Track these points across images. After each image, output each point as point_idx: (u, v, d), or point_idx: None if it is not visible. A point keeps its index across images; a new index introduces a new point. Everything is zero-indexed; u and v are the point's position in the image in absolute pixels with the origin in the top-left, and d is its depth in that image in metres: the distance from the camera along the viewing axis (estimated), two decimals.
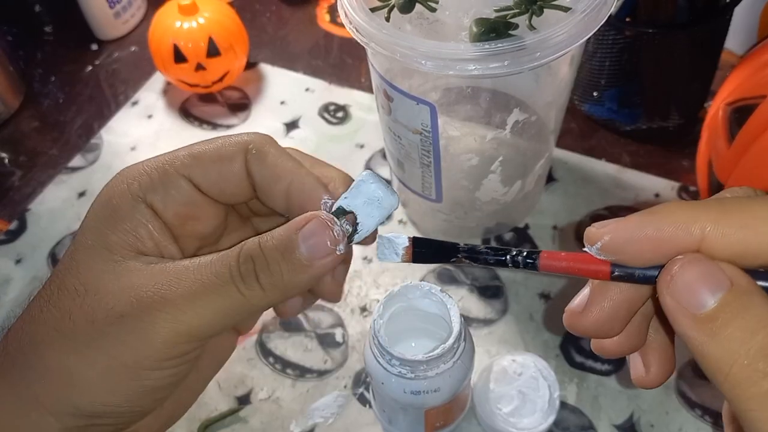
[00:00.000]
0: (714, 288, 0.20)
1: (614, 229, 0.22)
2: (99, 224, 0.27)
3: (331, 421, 0.48)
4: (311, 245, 0.25)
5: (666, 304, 0.21)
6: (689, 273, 0.21)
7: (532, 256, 0.24)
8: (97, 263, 0.26)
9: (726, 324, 0.20)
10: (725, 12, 0.55)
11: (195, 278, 0.25)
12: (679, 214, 0.21)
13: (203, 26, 0.66)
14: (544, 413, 0.44)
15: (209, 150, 0.28)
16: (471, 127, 0.49)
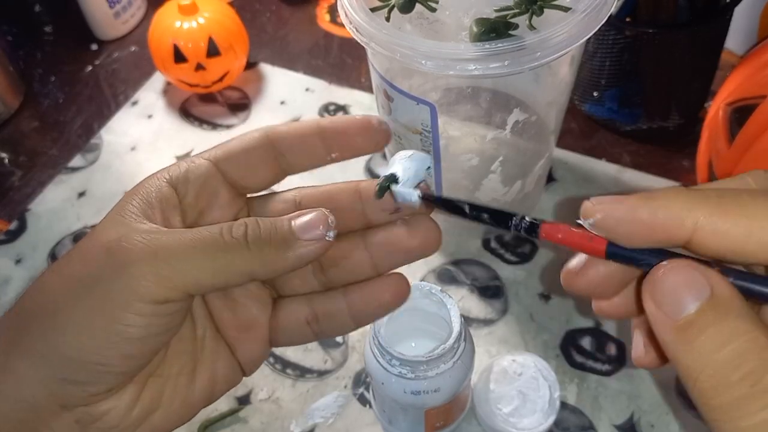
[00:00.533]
0: (694, 296, 0.20)
1: (608, 208, 0.22)
2: (122, 201, 0.28)
3: (331, 422, 0.48)
4: (301, 222, 0.27)
5: (647, 309, 0.21)
6: (671, 279, 0.21)
7: (534, 224, 0.25)
8: (107, 225, 0.27)
9: (699, 333, 0.20)
10: (725, 12, 0.55)
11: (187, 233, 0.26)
12: (675, 202, 0.21)
13: (203, 26, 0.66)
14: (545, 413, 0.44)
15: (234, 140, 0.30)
16: (471, 127, 0.49)
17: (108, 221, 0.27)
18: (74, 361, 0.25)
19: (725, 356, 0.19)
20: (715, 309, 0.20)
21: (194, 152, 0.66)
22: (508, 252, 0.57)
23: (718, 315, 0.20)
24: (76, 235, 0.61)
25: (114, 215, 0.27)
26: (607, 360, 0.50)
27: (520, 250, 0.57)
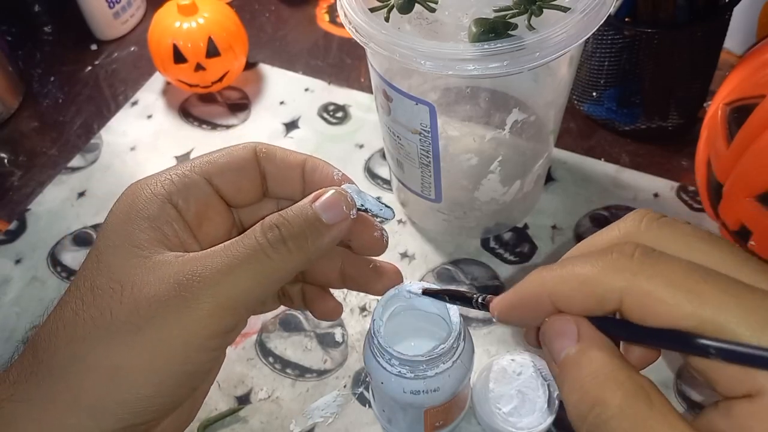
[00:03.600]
0: (566, 341, 0.24)
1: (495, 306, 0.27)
2: (124, 225, 0.28)
3: (330, 421, 0.48)
4: (329, 210, 0.28)
5: (544, 351, 0.26)
6: (549, 329, 0.25)
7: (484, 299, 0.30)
8: (128, 261, 0.27)
9: (565, 374, 0.24)
10: (724, 12, 0.55)
11: (226, 254, 0.27)
12: (531, 284, 0.25)
13: (203, 26, 0.66)
14: (544, 413, 0.44)
15: (224, 155, 0.31)
16: (470, 127, 0.49)
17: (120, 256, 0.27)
18: (137, 413, 0.26)
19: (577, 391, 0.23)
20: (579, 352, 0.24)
21: (194, 152, 0.66)
22: (507, 252, 0.57)
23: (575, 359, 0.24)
24: (76, 235, 0.61)
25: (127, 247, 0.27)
26: None
27: (519, 249, 0.57)
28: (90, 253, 0.28)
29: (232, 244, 0.27)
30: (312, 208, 0.28)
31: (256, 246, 0.27)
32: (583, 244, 0.27)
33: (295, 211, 0.28)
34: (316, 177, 0.31)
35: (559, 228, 0.58)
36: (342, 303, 0.54)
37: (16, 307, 0.56)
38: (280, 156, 0.31)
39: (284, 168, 0.31)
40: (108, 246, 0.27)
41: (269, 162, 0.31)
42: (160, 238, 0.28)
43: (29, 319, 0.55)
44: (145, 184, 0.29)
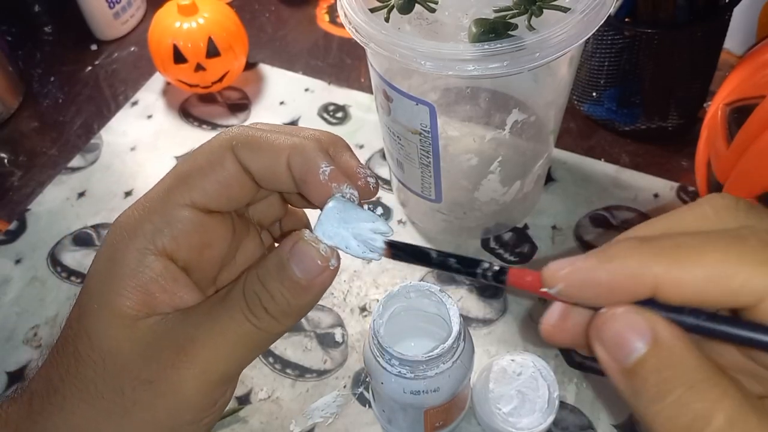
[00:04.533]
0: (637, 342, 0.20)
1: (568, 275, 0.22)
2: (104, 287, 0.26)
3: (330, 421, 0.48)
4: (304, 268, 0.25)
5: (596, 352, 0.22)
6: (615, 326, 0.21)
7: (500, 274, 0.24)
8: (110, 330, 0.25)
9: (644, 382, 0.20)
10: (724, 12, 0.55)
11: (213, 327, 0.25)
12: (632, 261, 0.21)
13: (203, 26, 0.66)
14: (544, 413, 0.44)
15: (197, 165, 0.27)
16: (470, 127, 0.49)
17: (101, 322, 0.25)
18: None
19: (670, 405, 0.19)
20: (658, 354, 0.20)
21: None
22: (507, 252, 0.57)
23: (660, 360, 0.20)
24: (76, 235, 0.61)
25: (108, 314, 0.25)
26: None
27: (519, 249, 0.57)
28: (74, 307, 0.27)
29: (217, 312, 0.25)
30: (289, 267, 0.25)
31: (241, 317, 0.25)
32: (662, 221, 0.23)
33: (272, 271, 0.25)
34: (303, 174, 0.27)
35: (559, 228, 0.58)
36: (342, 303, 0.54)
37: (16, 307, 0.56)
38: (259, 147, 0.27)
39: (267, 163, 0.27)
40: (89, 310, 0.26)
41: (249, 157, 0.27)
42: (145, 300, 0.25)
43: (29, 319, 0.55)
44: (122, 231, 0.26)
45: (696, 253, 0.20)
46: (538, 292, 0.23)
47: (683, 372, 0.20)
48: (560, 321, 0.24)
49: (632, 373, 0.20)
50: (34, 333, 0.54)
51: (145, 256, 0.26)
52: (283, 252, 0.25)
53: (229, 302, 0.26)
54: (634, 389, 0.20)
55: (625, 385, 0.21)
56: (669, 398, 0.19)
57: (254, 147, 0.27)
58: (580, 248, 0.56)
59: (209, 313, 0.26)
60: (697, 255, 0.20)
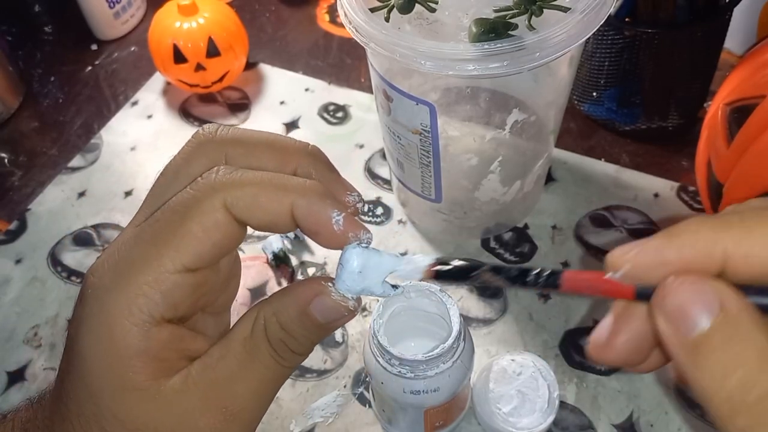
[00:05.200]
0: (704, 312, 0.20)
1: (636, 256, 0.21)
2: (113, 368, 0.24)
3: (330, 421, 0.48)
4: (327, 316, 0.26)
5: (658, 325, 0.21)
6: (680, 295, 0.20)
7: (554, 276, 0.23)
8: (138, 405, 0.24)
9: (710, 354, 0.19)
10: (724, 12, 0.55)
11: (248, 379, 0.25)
12: (700, 236, 0.20)
13: (203, 26, 0.66)
14: (544, 413, 0.44)
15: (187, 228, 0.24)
16: (470, 127, 0.49)
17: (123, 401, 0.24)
18: None
19: (738, 379, 0.19)
20: (725, 328, 0.19)
21: None
22: (507, 252, 0.57)
23: (728, 335, 0.19)
24: (76, 235, 0.61)
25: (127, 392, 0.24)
26: None
27: (519, 249, 0.57)
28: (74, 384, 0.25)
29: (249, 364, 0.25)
30: (312, 316, 0.25)
31: (274, 364, 0.26)
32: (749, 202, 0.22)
33: (296, 321, 0.25)
34: (314, 226, 0.25)
35: (559, 228, 0.58)
36: None
37: (16, 307, 0.56)
38: (259, 208, 0.24)
39: (269, 220, 0.25)
40: (103, 388, 0.24)
41: (249, 216, 0.25)
42: (159, 368, 0.24)
43: (29, 319, 0.55)
44: (117, 308, 0.24)
45: (764, 225, 0.20)
46: (596, 288, 0.23)
47: (751, 348, 0.19)
48: (610, 339, 0.23)
49: (696, 346, 0.19)
50: (34, 333, 0.54)
51: (147, 330, 0.24)
52: (304, 302, 0.25)
53: (256, 351, 0.26)
54: (697, 364, 0.19)
55: (687, 360, 0.20)
56: (735, 375, 0.19)
57: (252, 202, 0.24)
58: (580, 248, 0.56)
59: (238, 363, 0.25)
60: (765, 227, 0.20)
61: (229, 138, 0.27)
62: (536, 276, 0.24)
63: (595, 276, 0.23)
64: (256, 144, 0.27)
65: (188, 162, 0.27)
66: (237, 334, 0.26)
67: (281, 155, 0.27)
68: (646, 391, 0.48)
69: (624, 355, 0.23)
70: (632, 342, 0.23)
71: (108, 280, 0.24)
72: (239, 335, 0.26)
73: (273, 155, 0.27)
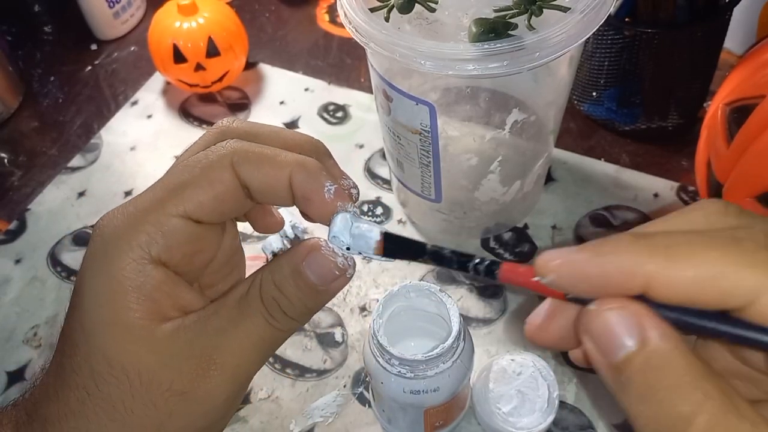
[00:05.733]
0: (625, 338, 0.20)
1: (560, 267, 0.22)
2: (107, 302, 0.25)
3: (330, 421, 0.48)
4: (320, 275, 0.27)
5: (584, 345, 0.22)
6: (605, 320, 0.21)
7: (492, 267, 0.24)
8: (125, 344, 0.25)
9: (630, 380, 0.20)
10: (724, 12, 0.55)
11: (235, 332, 0.26)
12: (625, 257, 0.21)
13: (203, 26, 0.66)
14: (544, 413, 0.44)
15: (194, 177, 0.26)
16: (470, 127, 0.49)
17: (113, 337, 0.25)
18: None
19: (654, 405, 0.19)
20: (644, 354, 0.20)
21: None
22: (507, 252, 0.57)
23: (646, 361, 0.20)
24: (76, 234, 0.61)
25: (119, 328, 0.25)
26: None
27: (519, 249, 0.57)
28: (72, 323, 0.26)
29: (239, 318, 0.26)
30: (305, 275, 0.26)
31: (264, 322, 0.26)
32: (656, 224, 0.23)
33: (290, 280, 0.26)
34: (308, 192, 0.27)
35: (559, 228, 0.58)
36: (342, 303, 0.54)
37: (16, 307, 0.56)
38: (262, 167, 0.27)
39: (268, 181, 0.27)
40: (97, 325, 0.25)
41: (250, 174, 0.27)
42: (152, 309, 0.25)
43: (29, 319, 0.55)
44: (119, 246, 0.26)
45: (689, 252, 0.20)
46: (530, 284, 0.23)
47: (668, 374, 0.19)
48: (545, 322, 0.24)
49: (620, 369, 0.20)
50: (34, 333, 0.54)
51: (143, 266, 0.26)
52: (298, 259, 0.27)
53: (247, 307, 0.27)
54: (621, 386, 0.20)
55: (613, 381, 0.21)
56: (653, 399, 0.19)
57: (256, 164, 0.27)
58: None
59: (229, 319, 0.26)
60: (690, 254, 0.20)
61: (243, 129, 0.29)
62: (476, 265, 0.25)
63: (528, 275, 0.23)
64: (267, 134, 0.29)
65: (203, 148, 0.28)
66: (235, 292, 0.27)
67: (288, 144, 0.28)
68: None
69: (556, 339, 0.24)
70: (564, 328, 0.24)
71: (115, 222, 0.26)
72: (236, 293, 0.27)
73: (281, 144, 0.28)
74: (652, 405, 0.19)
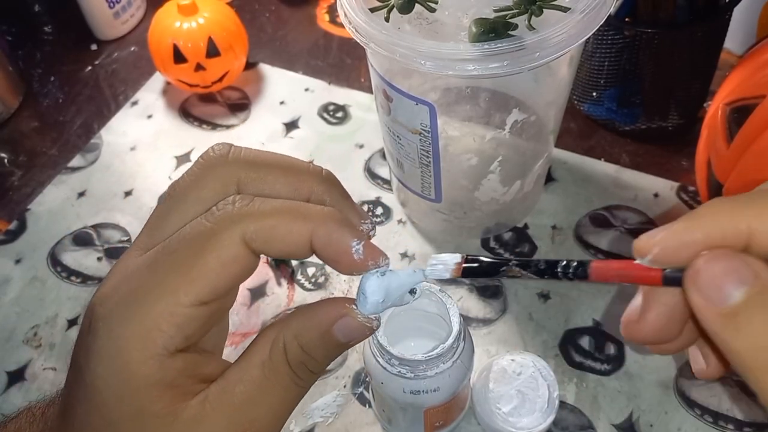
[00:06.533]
0: (738, 283, 0.20)
1: (663, 239, 0.22)
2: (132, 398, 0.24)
3: (330, 421, 0.48)
4: (350, 335, 0.26)
5: (692, 300, 0.21)
6: (713, 268, 0.21)
7: (582, 266, 0.24)
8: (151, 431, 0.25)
9: (748, 320, 0.20)
10: (724, 12, 0.55)
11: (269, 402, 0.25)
12: (723, 214, 0.21)
13: (203, 26, 0.66)
14: (544, 413, 0.44)
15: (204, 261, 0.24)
16: (470, 127, 0.49)
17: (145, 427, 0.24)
18: None
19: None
20: (761, 294, 0.20)
21: (194, 152, 0.66)
22: (507, 252, 0.57)
23: (764, 300, 0.20)
24: (76, 235, 0.61)
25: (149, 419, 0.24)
26: (606, 360, 0.50)
27: (519, 249, 0.57)
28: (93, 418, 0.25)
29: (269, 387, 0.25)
30: (334, 336, 0.25)
31: (293, 386, 0.26)
32: None
33: (318, 343, 0.25)
34: (334, 256, 0.25)
35: (559, 228, 0.58)
36: None
37: (16, 307, 0.56)
38: (277, 241, 0.24)
39: (287, 252, 0.25)
40: (121, 417, 0.24)
41: (267, 249, 0.25)
42: (175, 395, 0.25)
43: (29, 319, 0.55)
44: (133, 343, 0.24)
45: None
46: (625, 275, 0.23)
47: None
48: (642, 314, 0.24)
49: (733, 316, 0.20)
50: (34, 333, 0.54)
51: (162, 362, 0.24)
52: (327, 324, 0.25)
53: (275, 374, 0.25)
54: (735, 333, 0.20)
55: (724, 330, 0.20)
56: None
57: (271, 241, 0.24)
58: (580, 248, 0.56)
59: (258, 387, 0.25)
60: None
61: (242, 160, 0.26)
62: (564, 268, 0.24)
63: (624, 264, 0.23)
64: (269, 167, 0.26)
65: (198, 185, 0.26)
66: (255, 356, 0.26)
67: (295, 180, 0.26)
68: (646, 391, 0.48)
69: (656, 330, 0.24)
70: (663, 315, 0.24)
71: (119, 311, 0.24)
72: (257, 358, 0.26)
73: (287, 180, 0.26)
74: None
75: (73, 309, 0.56)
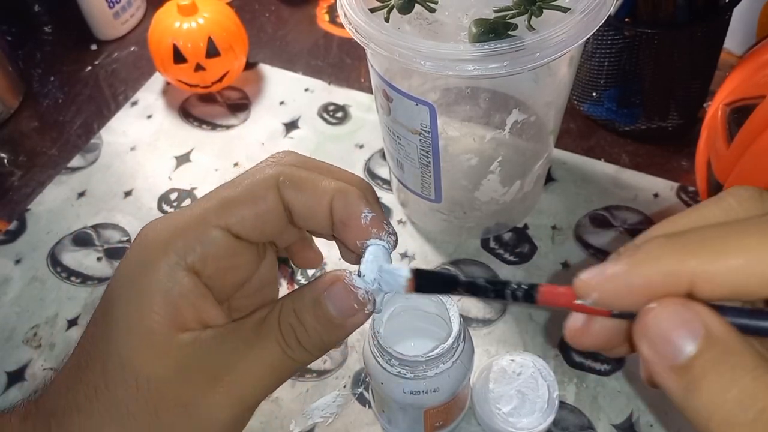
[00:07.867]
0: (689, 337, 0.19)
1: (601, 283, 0.21)
2: (133, 302, 0.26)
3: (330, 421, 0.48)
4: (340, 308, 0.26)
5: (641, 353, 0.21)
6: (662, 323, 0.20)
7: (531, 291, 0.24)
8: (143, 350, 0.25)
9: (702, 376, 0.19)
10: (724, 12, 0.55)
11: (247, 353, 0.26)
12: (665, 260, 0.20)
13: (203, 26, 0.66)
14: (543, 413, 0.44)
15: (241, 194, 0.27)
16: (470, 127, 0.49)
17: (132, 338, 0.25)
18: None
19: (734, 397, 0.19)
20: (713, 349, 0.19)
21: (194, 152, 0.66)
22: (507, 252, 0.57)
23: (717, 355, 0.19)
24: (76, 235, 0.61)
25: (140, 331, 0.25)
26: (606, 360, 0.50)
27: (519, 249, 0.57)
28: (97, 320, 0.27)
29: (254, 341, 0.26)
30: (324, 305, 0.26)
31: (277, 348, 0.26)
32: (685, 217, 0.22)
33: (309, 309, 0.26)
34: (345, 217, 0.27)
35: (559, 228, 0.58)
36: None
37: (16, 307, 0.56)
38: (305, 188, 0.27)
39: (310, 203, 0.27)
40: (120, 326, 0.26)
41: (293, 196, 0.27)
42: (173, 316, 0.26)
43: (29, 319, 0.55)
44: (156, 249, 0.26)
45: (729, 242, 0.19)
46: (573, 306, 0.23)
47: (742, 365, 0.19)
48: (587, 324, 0.24)
49: (685, 369, 0.19)
50: (34, 333, 0.54)
51: (176, 271, 0.26)
52: (320, 289, 0.27)
53: (264, 331, 0.26)
54: (688, 386, 0.19)
55: (676, 383, 0.20)
56: (731, 394, 0.19)
57: (300, 187, 0.27)
58: (580, 248, 0.56)
59: (245, 340, 0.26)
60: (731, 244, 0.19)
61: (297, 160, 0.29)
62: (513, 291, 0.24)
63: (568, 296, 0.23)
64: (317, 166, 0.29)
65: None
66: (256, 315, 0.27)
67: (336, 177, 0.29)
68: (646, 391, 0.48)
69: (599, 340, 0.24)
70: (607, 328, 0.23)
71: (157, 230, 0.27)
72: (257, 316, 0.27)
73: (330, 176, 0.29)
74: (731, 398, 0.18)
75: (73, 309, 0.56)
